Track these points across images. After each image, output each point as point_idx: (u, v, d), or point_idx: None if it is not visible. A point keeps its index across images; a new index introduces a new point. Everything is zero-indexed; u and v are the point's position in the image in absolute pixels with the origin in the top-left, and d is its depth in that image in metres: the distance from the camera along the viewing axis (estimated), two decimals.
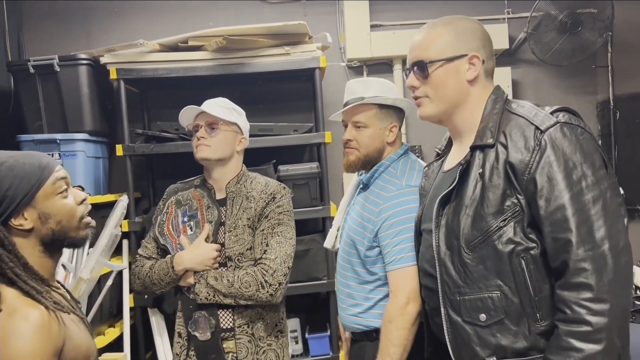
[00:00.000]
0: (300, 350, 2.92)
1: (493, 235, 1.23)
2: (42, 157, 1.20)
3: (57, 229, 1.17)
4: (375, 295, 1.73)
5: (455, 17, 1.38)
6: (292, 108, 3.23)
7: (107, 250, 2.00)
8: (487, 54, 1.34)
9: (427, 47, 1.34)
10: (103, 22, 3.19)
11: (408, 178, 1.72)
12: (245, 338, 1.77)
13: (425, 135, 3.27)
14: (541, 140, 1.19)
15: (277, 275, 1.73)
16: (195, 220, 1.84)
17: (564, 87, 3.36)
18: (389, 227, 1.64)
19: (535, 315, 1.21)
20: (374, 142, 1.77)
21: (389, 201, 1.68)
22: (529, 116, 1.24)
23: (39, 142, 2.69)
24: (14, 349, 1.03)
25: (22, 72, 2.74)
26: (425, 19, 3.23)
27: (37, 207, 1.15)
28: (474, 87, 1.34)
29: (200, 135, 1.82)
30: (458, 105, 1.35)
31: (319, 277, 2.82)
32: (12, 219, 1.12)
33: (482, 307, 1.25)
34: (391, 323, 1.60)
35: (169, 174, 3.09)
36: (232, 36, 2.60)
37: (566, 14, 2.96)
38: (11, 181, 1.12)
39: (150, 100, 3.19)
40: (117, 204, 2.01)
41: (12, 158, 1.15)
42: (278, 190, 1.86)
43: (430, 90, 1.35)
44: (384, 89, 1.79)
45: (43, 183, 1.15)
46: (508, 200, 1.22)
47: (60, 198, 1.18)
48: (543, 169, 1.18)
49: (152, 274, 1.79)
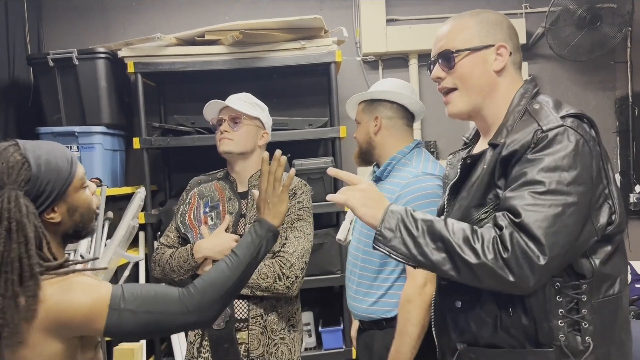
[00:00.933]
0: (314, 343, 2.94)
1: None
2: (66, 150, 1.21)
3: (79, 220, 1.19)
4: (385, 283, 1.79)
5: (481, 10, 1.36)
6: (307, 102, 3.24)
7: (124, 242, 2.03)
8: (513, 46, 1.32)
9: (453, 37, 1.32)
10: (121, 16, 3.23)
11: (424, 166, 1.80)
12: (258, 329, 1.79)
13: (440, 131, 3.26)
14: (539, 139, 1.17)
15: (295, 269, 1.76)
16: (216, 211, 1.87)
17: (582, 82, 3.33)
18: None
19: (507, 310, 1.21)
20: (363, 135, 1.92)
21: (406, 187, 1.74)
22: (539, 118, 1.21)
23: (57, 135, 2.73)
24: (79, 290, 1.10)
25: (41, 65, 2.78)
26: (442, 13, 3.22)
27: (67, 201, 1.16)
28: (502, 78, 1.31)
29: (224, 129, 1.85)
30: (486, 96, 1.32)
31: (332, 271, 2.83)
32: (45, 213, 1.13)
33: (459, 292, 1.28)
34: (410, 303, 1.65)
35: (184, 167, 3.13)
36: (248, 30, 2.61)
37: (585, 9, 2.92)
38: (50, 176, 1.12)
39: (166, 94, 3.22)
40: (134, 195, 2.04)
41: (44, 152, 1.15)
42: (299, 187, 1.89)
43: (458, 81, 1.32)
44: (376, 86, 1.95)
45: (74, 177, 1.16)
46: (490, 193, 1.23)
47: (83, 191, 1.20)
48: (528, 162, 1.15)
49: (172, 261, 1.82)
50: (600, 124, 3.25)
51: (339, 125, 2.79)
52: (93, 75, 2.77)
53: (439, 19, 3.23)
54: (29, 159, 1.11)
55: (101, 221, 2.29)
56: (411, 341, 1.64)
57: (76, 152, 2.74)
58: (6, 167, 1.09)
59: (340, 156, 2.82)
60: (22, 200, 1.08)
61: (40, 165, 1.11)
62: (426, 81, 3.24)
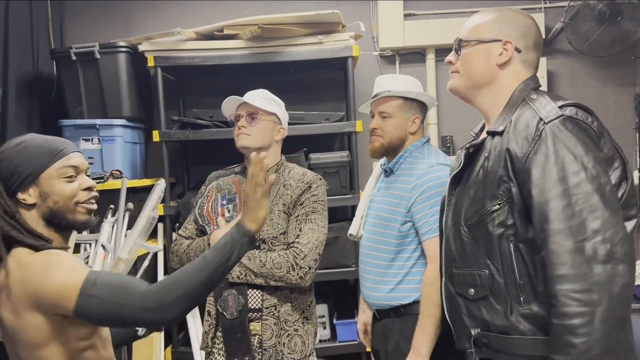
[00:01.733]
0: (328, 335, 2.97)
1: (487, 217, 1.29)
2: (59, 144, 1.32)
3: (54, 208, 1.29)
4: (401, 270, 1.85)
5: (506, 7, 1.46)
6: (323, 97, 3.26)
7: (144, 232, 2.07)
8: (525, 45, 1.38)
9: (468, 28, 1.43)
10: (141, 10, 3.27)
11: (436, 158, 1.89)
12: (271, 320, 1.82)
13: (456, 126, 3.26)
14: (542, 131, 1.22)
15: (308, 260, 1.78)
16: (233, 204, 1.91)
17: (602, 78, 3.30)
18: (424, 200, 1.79)
19: (518, 298, 1.25)
20: (397, 130, 1.93)
21: (421, 177, 1.83)
22: (538, 108, 1.27)
23: (79, 127, 2.79)
24: (61, 268, 1.19)
25: (64, 59, 2.83)
26: (459, 8, 3.21)
27: (40, 186, 1.28)
28: (503, 72, 1.39)
29: (241, 125, 1.89)
30: (482, 85, 1.41)
31: (347, 264, 2.85)
32: (19, 192, 1.27)
33: (471, 282, 1.33)
34: (432, 286, 1.71)
35: (202, 160, 3.17)
36: (266, 25, 2.63)
37: (605, 4, 2.89)
38: (21, 159, 1.26)
39: (185, 88, 3.26)
40: (155, 187, 2.07)
41: (32, 140, 1.30)
42: (314, 181, 1.92)
43: (461, 67, 1.43)
44: (409, 84, 1.96)
45: (48, 166, 1.28)
46: (503, 186, 1.27)
47: (62, 182, 1.29)
48: (539, 159, 1.20)
49: (189, 252, 1.87)
50: (619, 120, 3.27)
51: (356, 120, 2.81)
52: (114, 69, 2.82)
53: (456, 14, 3.23)
54: (10, 144, 1.29)
55: (122, 212, 2.34)
56: (435, 322, 1.71)
57: (97, 144, 2.80)
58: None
59: (357, 150, 2.84)
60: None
61: (15, 149, 1.27)
62: (443, 76, 3.24)
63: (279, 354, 1.82)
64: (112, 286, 1.18)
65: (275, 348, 1.81)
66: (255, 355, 1.82)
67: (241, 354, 1.80)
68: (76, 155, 1.33)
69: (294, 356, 1.83)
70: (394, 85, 1.95)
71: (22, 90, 2.70)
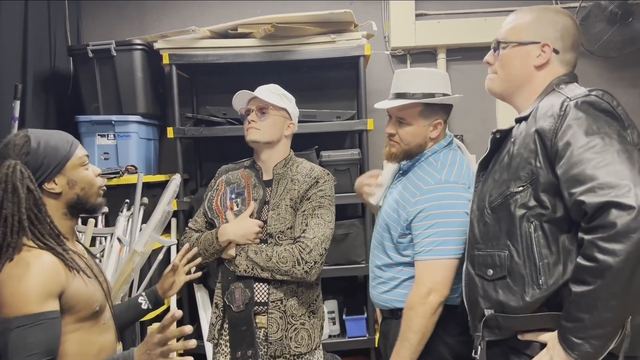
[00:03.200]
0: (338, 331, 3.00)
1: (510, 199, 1.33)
2: (69, 136, 1.42)
3: (81, 194, 1.39)
4: (401, 275, 1.79)
5: (547, 7, 1.48)
6: (335, 95, 3.30)
7: (159, 226, 2.12)
8: (564, 46, 1.41)
9: (507, 28, 1.45)
10: (155, 9, 3.32)
11: (448, 173, 1.72)
12: (277, 314, 1.85)
13: (467, 125, 3.27)
14: (566, 107, 1.26)
15: (314, 254, 1.80)
16: (241, 198, 1.94)
17: (612, 79, 3.30)
18: (422, 219, 1.68)
19: (537, 281, 1.28)
20: (416, 138, 1.78)
21: (426, 194, 1.70)
22: (566, 92, 1.32)
23: (95, 123, 2.84)
24: (11, 289, 1.22)
25: (81, 56, 2.88)
26: (471, 8, 3.23)
27: (66, 175, 1.37)
28: (541, 73, 1.42)
29: (251, 119, 1.92)
30: (520, 86, 1.44)
31: (357, 260, 2.89)
32: (46, 183, 1.35)
33: (491, 262, 1.36)
34: (411, 310, 1.67)
35: (215, 157, 3.21)
36: (280, 24, 2.67)
37: (617, 4, 2.90)
38: (48, 151, 1.34)
39: (199, 85, 3.31)
40: (170, 182, 2.12)
41: (46, 135, 1.38)
42: (322, 176, 1.93)
43: (499, 68, 1.45)
44: (432, 83, 1.77)
45: (71, 155, 1.38)
46: (527, 167, 1.30)
47: (83, 169, 1.40)
48: (566, 132, 1.23)
49: (198, 244, 1.90)
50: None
51: (367, 118, 2.84)
52: (130, 66, 2.86)
53: (467, 13, 3.25)
54: (30, 138, 1.34)
55: (138, 206, 2.39)
56: (410, 347, 1.65)
57: (113, 140, 2.85)
58: (13, 143, 1.34)
59: (367, 148, 2.87)
60: (19, 168, 1.30)
61: (39, 143, 1.34)
62: (454, 76, 3.25)
63: (286, 347, 1.84)
64: (15, 344, 1.19)
65: (282, 342, 1.84)
66: (260, 348, 1.84)
67: (245, 346, 1.83)
68: (81, 146, 1.44)
69: (301, 349, 1.86)
70: (415, 85, 1.75)
71: (40, 86, 2.75)
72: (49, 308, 1.24)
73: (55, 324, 1.25)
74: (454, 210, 1.66)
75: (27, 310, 1.21)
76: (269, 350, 1.84)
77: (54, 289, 1.26)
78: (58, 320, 1.26)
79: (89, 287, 1.36)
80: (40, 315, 1.22)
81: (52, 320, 1.24)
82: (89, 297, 1.35)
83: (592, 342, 1.18)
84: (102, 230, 2.41)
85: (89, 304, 1.35)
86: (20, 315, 1.20)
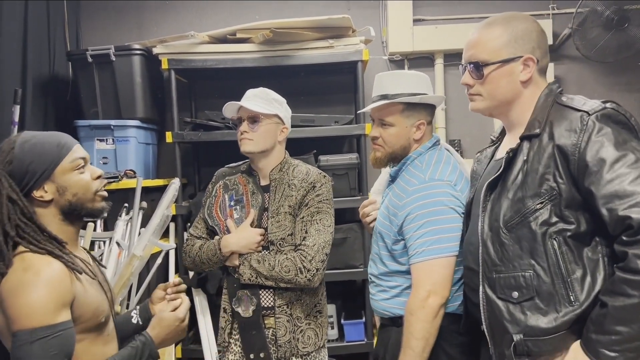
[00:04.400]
0: (336, 335, 3.00)
1: (529, 216, 1.29)
2: (62, 137, 1.33)
3: (73, 200, 1.30)
4: (401, 283, 1.74)
5: (512, 16, 1.41)
6: (333, 100, 3.31)
7: (158, 230, 2.13)
8: (541, 53, 1.39)
9: (483, 47, 1.39)
10: (154, 14, 3.34)
11: (432, 172, 1.71)
12: (284, 317, 1.87)
13: (464, 130, 3.29)
14: (588, 121, 1.25)
15: (315, 262, 1.82)
16: (241, 205, 1.94)
17: (609, 84, 3.32)
18: (411, 221, 1.66)
19: (568, 297, 1.25)
20: (399, 140, 1.76)
21: (411, 195, 1.68)
22: (577, 106, 1.30)
23: (94, 128, 2.85)
24: (25, 299, 1.16)
25: (80, 60, 2.89)
26: (468, 14, 3.26)
27: (55, 181, 1.28)
28: (527, 88, 1.39)
29: (243, 130, 1.90)
30: (509, 103, 1.41)
31: (355, 265, 2.89)
32: (34, 191, 1.27)
33: (515, 284, 1.31)
34: (412, 315, 1.61)
35: (214, 161, 3.20)
36: (278, 29, 2.68)
37: (613, 10, 2.93)
38: (33, 157, 1.26)
39: (197, 90, 3.32)
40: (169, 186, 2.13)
41: (35, 137, 1.30)
42: (318, 179, 1.93)
43: (484, 90, 1.41)
44: (413, 84, 1.76)
45: (61, 160, 1.29)
46: (545, 184, 1.28)
47: (77, 173, 1.31)
48: (593, 147, 1.22)
49: (202, 254, 1.91)
50: None
51: (365, 123, 2.85)
52: (129, 71, 2.87)
53: (465, 19, 3.27)
54: (16, 145, 1.26)
55: (137, 210, 2.39)
56: (415, 355, 1.59)
57: (111, 144, 2.85)
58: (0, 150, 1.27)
59: (366, 153, 2.88)
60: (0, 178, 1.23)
61: (24, 149, 1.26)
62: (451, 80, 3.28)
63: (294, 348, 1.87)
64: (38, 357, 1.16)
65: (290, 344, 1.86)
66: (271, 349, 1.87)
67: (257, 349, 1.86)
68: (79, 147, 1.35)
69: (308, 348, 1.89)
70: (396, 86, 1.74)
71: (39, 90, 2.76)
72: (65, 318, 1.20)
73: (71, 333, 1.22)
74: (442, 207, 1.63)
75: (45, 321, 1.17)
76: (279, 353, 1.86)
77: (67, 297, 1.22)
78: (73, 331, 1.22)
79: (96, 297, 1.31)
80: (58, 326, 1.18)
81: (69, 330, 1.21)
82: (95, 308, 1.30)
83: (628, 354, 1.16)
84: (101, 234, 2.42)
85: (95, 315, 1.30)
86: (39, 327, 1.16)
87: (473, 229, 1.47)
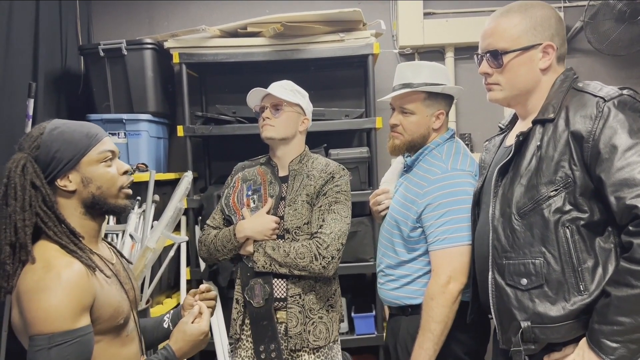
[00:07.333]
0: (346, 328, 3.01)
1: (543, 203, 1.29)
2: (92, 128, 1.31)
3: (97, 193, 1.27)
4: (412, 272, 1.79)
5: (529, 4, 1.39)
6: (343, 94, 3.31)
7: (171, 223, 2.14)
8: (560, 40, 1.38)
9: (501, 35, 1.37)
10: (165, 8, 3.35)
11: (454, 161, 1.76)
12: (296, 308, 1.87)
13: (475, 124, 3.28)
14: (604, 108, 1.23)
15: (331, 249, 1.82)
16: (258, 194, 1.97)
17: (621, 77, 3.30)
18: (434, 209, 1.70)
19: (577, 286, 1.25)
20: (420, 128, 1.81)
21: (434, 183, 1.72)
22: (593, 91, 1.28)
23: (106, 122, 2.86)
24: (45, 302, 1.13)
25: (92, 55, 2.91)
26: (479, 7, 3.24)
27: (80, 172, 1.25)
28: (546, 76, 1.38)
29: (266, 116, 1.94)
30: (528, 92, 1.39)
31: (365, 258, 2.90)
32: (58, 179, 1.24)
33: (525, 271, 1.31)
34: (432, 300, 1.66)
35: (225, 155, 3.24)
36: (289, 23, 2.69)
37: (625, 3, 2.90)
38: (60, 145, 1.23)
39: (208, 84, 3.33)
40: (182, 179, 2.14)
41: (65, 125, 1.27)
42: (337, 171, 1.96)
43: (503, 79, 1.39)
44: (434, 74, 1.81)
45: (88, 150, 1.26)
46: (560, 171, 1.27)
47: (103, 166, 1.28)
48: (606, 134, 1.21)
49: (217, 241, 1.93)
50: None
51: (375, 116, 2.85)
52: (140, 65, 2.88)
53: (475, 12, 3.25)
54: (45, 130, 1.24)
55: (150, 203, 2.41)
56: (434, 338, 1.64)
57: (123, 138, 2.87)
58: (28, 135, 1.25)
59: (376, 146, 2.88)
60: (22, 163, 1.21)
61: (52, 135, 1.23)
62: (462, 74, 3.27)
63: (305, 341, 1.87)
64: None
65: (301, 336, 1.87)
66: (282, 342, 1.87)
67: (267, 340, 1.86)
68: (109, 139, 1.33)
69: (319, 343, 1.89)
70: (417, 76, 1.79)
71: (51, 85, 2.77)
72: (83, 323, 1.17)
73: (90, 339, 1.19)
74: (464, 197, 1.66)
75: (64, 326, 1.14)
76: (289, 344, 1.87)
77: (88, 301, 1.19)
78: (92, 335, 1.19)
79: (115, 298, 1.27)
80: (77, 332, 1.15)
81: (88, 336, 1.18)
82: (114, 310, 1.26)
83: (630, 345, 1.16)
84: (114, 227, 2.43)
85: (113, 317, 1.26)
86: (57, 332, 1.13)
87: (484, 217, 1.47)
